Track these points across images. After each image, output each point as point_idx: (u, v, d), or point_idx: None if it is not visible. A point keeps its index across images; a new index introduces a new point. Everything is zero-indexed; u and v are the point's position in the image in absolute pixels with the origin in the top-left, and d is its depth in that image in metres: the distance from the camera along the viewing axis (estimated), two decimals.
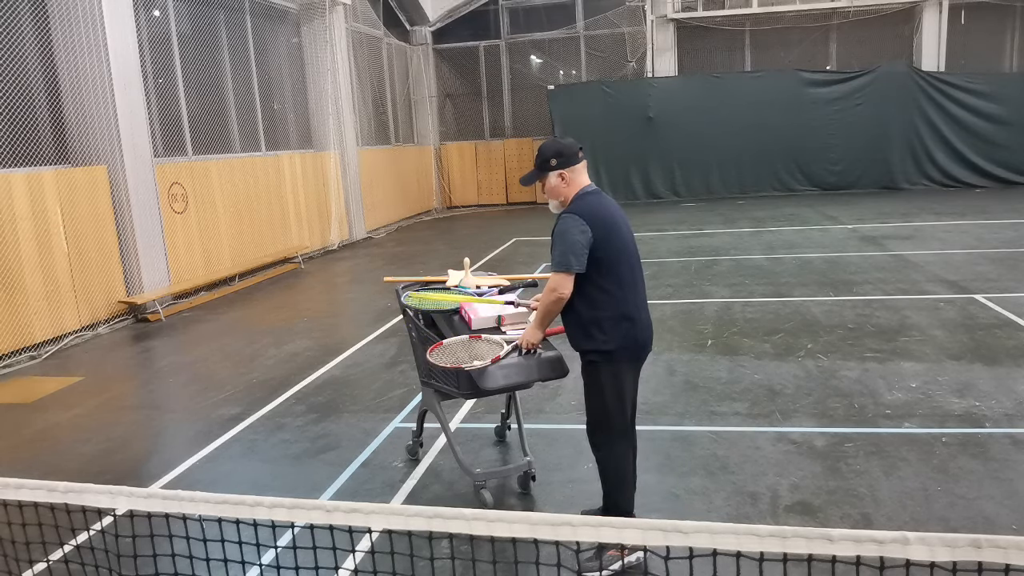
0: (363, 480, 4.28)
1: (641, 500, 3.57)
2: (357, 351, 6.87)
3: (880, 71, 16.43)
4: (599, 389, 3.28)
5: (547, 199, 3.38)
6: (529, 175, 3.39)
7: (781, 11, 16.94)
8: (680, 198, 17.43)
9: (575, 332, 3.32)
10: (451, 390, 3.89)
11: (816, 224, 12.71)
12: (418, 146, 18.58)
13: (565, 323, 3.35)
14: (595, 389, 3.30)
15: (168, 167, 9.41)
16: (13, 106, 7.50)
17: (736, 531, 1.26)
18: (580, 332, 3.30)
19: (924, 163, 16.69)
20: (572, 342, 3.35)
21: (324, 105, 13.29)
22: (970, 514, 3.51)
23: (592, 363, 3.30)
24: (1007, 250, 9.61)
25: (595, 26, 17.98)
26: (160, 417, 5.60)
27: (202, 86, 10.52)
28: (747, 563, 1.28)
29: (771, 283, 8.57)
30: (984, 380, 5.22)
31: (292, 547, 1.67)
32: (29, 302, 7.34)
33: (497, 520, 1.41)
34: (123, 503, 1.63)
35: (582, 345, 3.31)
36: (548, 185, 3.32)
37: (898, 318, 6.85)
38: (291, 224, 12.25)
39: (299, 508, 1.50)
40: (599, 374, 3.28)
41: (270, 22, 12.48)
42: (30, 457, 4.92)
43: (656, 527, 1.31)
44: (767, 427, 4.64)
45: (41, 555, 2.46)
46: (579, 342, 3.32)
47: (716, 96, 16.90)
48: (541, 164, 3.32)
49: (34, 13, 7.94)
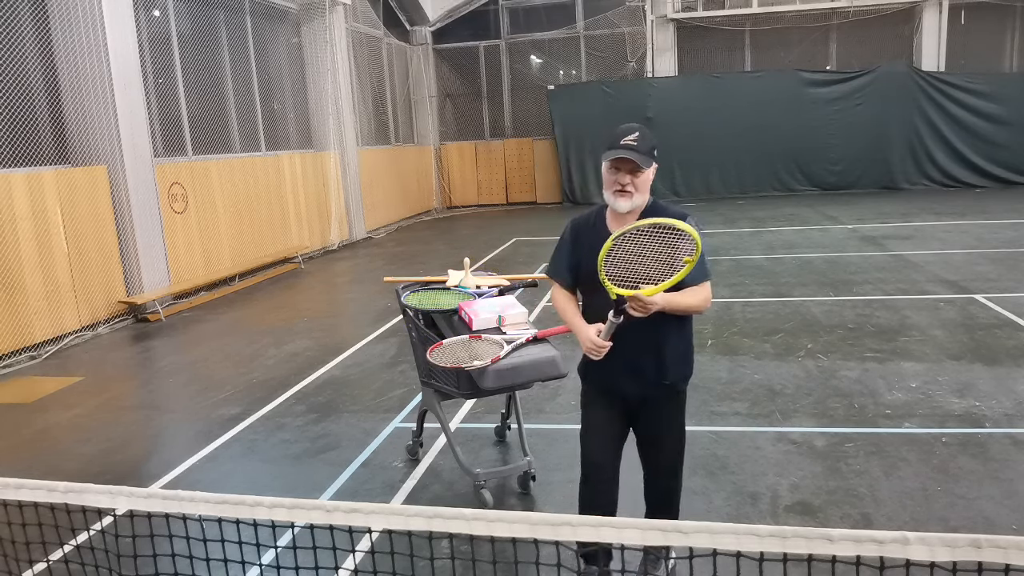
0: (363, 480, 4.28)
1: (641, 500, 3.56)
2: (357, 351, 6.87)
3: (880, 71, 16.43)
4: (683, 415, 3.03)
5: (625, 193, 2.72)
6: (642, 158, 2.68)
7: (781, 11, 16.94)
8: (680, 198, 17.42)
9: (677, 357, 2.89)
10: (451, 390, 3.90)
11: (816, 224, 12.71)
12: (418, 146, 18.58)
13: (669, 346, 2.84)
14: (682, 418, 3.02)
15: (168, 167, 9.40)
16: (13, 106, 7.49)
17: (736, 531, 1.26)
18: (683, 357, 2.93)
19: (924, 163, 16.70)
20: (667, 373, 2.86)
21: (324, 105, 13.29)
22: (970, 514, 3.51)
23: (683, 393, 2.99)
24: (1007, 250, 9.61)
25: (595, 26, 17.98)
26: (160, 417, 5.60)
27: (202, 86, 10.52)
28: (747, 563, 1.28)
29: (771, 283, 8.57)
30: (984, 380, 5.22)
31: (292, 547, 1.67)
32: (29, 302, 7.34)
33: (497, 520, 1.41)
34: (123, 503, 1.63)
35: (684, 372, 2.94)
36: (644, 177, 2.73)
37: (898, 318, 6.85)
38: (291, 224, 12.25)
39: (299, 508, 1.50)
40: (684, 401, 3.04)
41: (270, 22, 12.48)
42: (30, 457, 4.92)
43: (656, 527, 1.31)
44: (767, 427, 4.64)
45: (41, 555, 2.46)
46: (681, 368, 2.93)
47: (716, 96, 16.91)
48: (651, 150, 2.75)
49: (34, 13, 7.94)
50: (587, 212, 3.00)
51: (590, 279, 2.74)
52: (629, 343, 2.74)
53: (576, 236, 2.93)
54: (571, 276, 2.93)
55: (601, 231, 2.79)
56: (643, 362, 2.82)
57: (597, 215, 2.91)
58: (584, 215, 2.99)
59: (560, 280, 2.97)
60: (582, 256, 2.86)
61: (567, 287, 2.96)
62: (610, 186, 2.75)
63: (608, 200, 2.79)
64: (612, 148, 2.70)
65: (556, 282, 2.98)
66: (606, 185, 2.77)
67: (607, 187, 2.77)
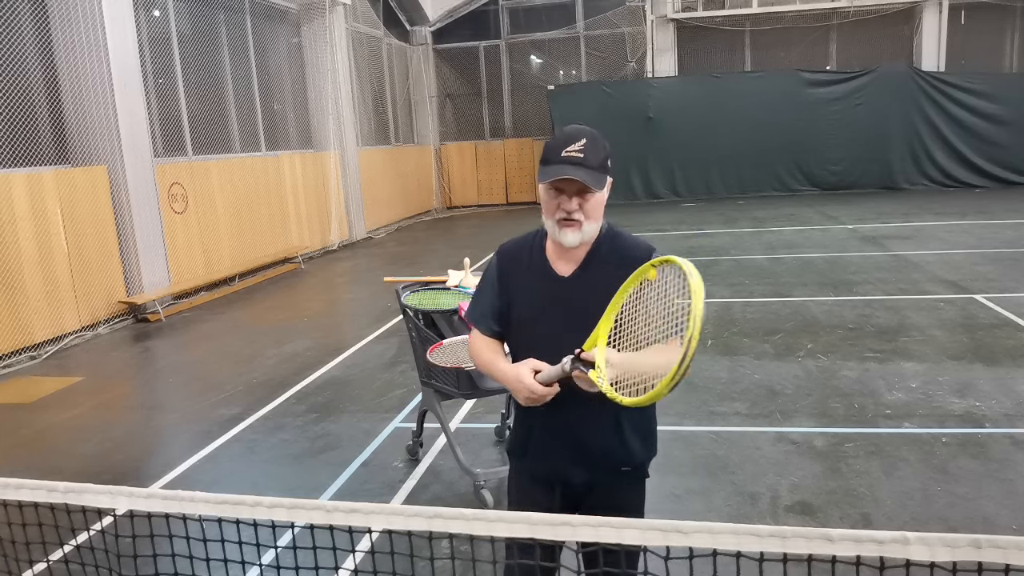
0: (363, 480, 4.28)
1: None
2: (357, 351, 6.87)
3: (880, 71, 16.43)
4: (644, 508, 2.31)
5: (572, 223, 2.03)
6: (592, 175, 1.98)
7: (781, 11, 16.94)
8: (680, 198, 17.43)
9: (642, 432, 2.21)
10: (451, 390, 3.90)
11: (816, 224, 12.71)
12: (418, 146, 18.58)
13: (631, 419, 2.15)
14: (643, 511, 2.29)
15: (168, 167, 9.40)
16: (13, 106, 7.49)
17: (736, 531, 1.26)
18: (649, 431, 2.25)
19: (924, 163, 16.70)
20: (631, 454, 2.18)
21: (324, 105, 13.29)
22: (970, 514, 3.51)
23: (644, 479, 2.28)
24: (1007, 250, 9.61)
25: (595, 26, 17.98)
26: (160, 417, 5.60)
27: (202, 86, 10.52)
28: (747, 563, 1.28)
29: (771, 283, 8.57)
30: (984, 380, 5.21)
31: (292, 547, 1.67)
32: (29, 302, 7.34)
33: (497, 520, 1.41)
34: (123, 503, 1.63)
35: (649, 452, 2.25)
36: (596, 200, 2.04)
37: (898, 318, 6.85)
38: (291, 224, 12.25)
39: (299, 508, 1.50)
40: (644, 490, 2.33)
41: (270, 22, 12.48)
42: (30, 457, 4.91)
43: (656, 527, 1.31)
44: (767, 427, 4.64)
45: (41, 555, 2.46)
46: (646, 448, 2.23)
47: (716, 96, 16.90)
48: (604, 161, 2.03)
49: (34, 13, 7.94)
50: (520, 240, 2.26)
51: (527, 329, 2.17)
52: (580, 415, 2.10)
53: (506, 272, 2.22)
54: (498, 323, 2.22)
55: (541, 269, 2.15)
56: (598, 439, 2.14)
57: (534, 247, 2.20)
58: (516, 244, 2.26)
59: (483, 328, 2.24)
60: (514, 299, 2.19)
61: (493, 336, 2.24)
62: (551, 212, 2.05)
63: (550, 230, 2.09)
64: (551, 163, 1.99)
65: (478, 329, 2.26)
66: (546, 210, 2.07)
67: (547, 213, 2.07)
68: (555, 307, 2.12)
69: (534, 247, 2.20)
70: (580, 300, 2.08)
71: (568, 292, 2.11)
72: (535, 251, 2.19)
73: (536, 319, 2.14)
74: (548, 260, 2.16)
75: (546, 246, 2.17)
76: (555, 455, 2.18)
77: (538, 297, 2.14)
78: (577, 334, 1.98)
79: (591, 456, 2.15)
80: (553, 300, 2.13)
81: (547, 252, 2.17)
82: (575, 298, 2.10)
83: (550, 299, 2.13)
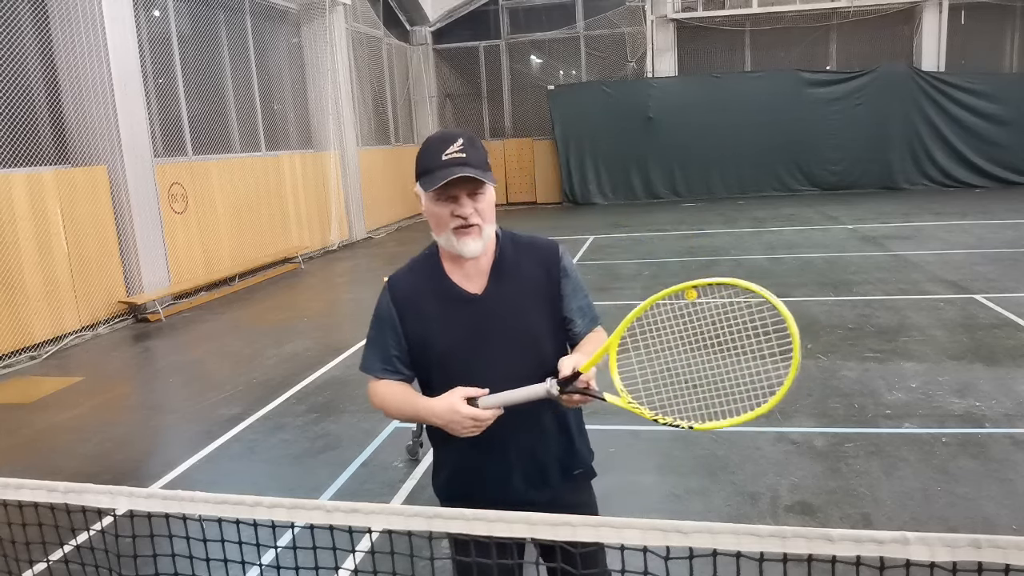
0: (363, 480, 4.28)
1: (641, 500, 3.57)
2: (357, 351, 6.87)
3: (880, 71, 16.44)
4: None
5: (475, 225, 1.86)
6: (482, 173, 1.84)
7: (781, 11, 16.94)
8: (680, 198, 17.43)
9: (583, 437, 2.07)
10: None
11: (816, 224, 12.71)
12: (418, 146, 18.53)
13: (574, 418, 2.04)
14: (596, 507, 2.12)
15: (168, 167, 9.41)
16: (13, 106, 7.50)
17: (736, 531, 1.26)
18: (585, 435, 2.09)
19: (924, 163, 16.70)
20: (578, 456, 2.04)
21: (324, 105, 13.29)
22: (970, 514, 3.51)
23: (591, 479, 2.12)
24: (1007, 250, 9.61)
25: (595, 26, 17.99)
26: (160, 417, 5.60)
27: (202, 86, 10.52)
28: (747, 563, 1.28)
29: (771, 283, 8.56)
30: (984, 380, 5.21)
31: (292, 547, 1.67)
32: (29, 302, 7.34)
33: (497, 520, 1.40)
34: (123, 503, 1.63)
35: (590, 450, 2.10)
36: (488, 199, 1.90)
37: (898, 318, 6.85)
38: (291, 224, 12.25)
39: (299, 508, 1.50)
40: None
41: (270, 22, 12.48)
42: (30, 457, 4.92)
43: (655, 527, 1.31)
44: (767, 427, 4.63)
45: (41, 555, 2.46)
46: (587, 447, 2.09)
47: (716, 96, 16.91)
48: (487, 159, 1.91)
49: (34, 13, 7.94)
50: (411, 267, 2.03)
51: (453, 365, 1.90)
52: (523, 427, 1.89)
53: (406, 308, 1.96)
54: (406, 367, 1.98)
55: (448, 292, 1.93)
56: (548, 449, 1.96)
57: (433, 270, 1.97)
58: (408, 272, 2.02)
59: (388, 377, 1.98)
60: (425, 335, 1.93)
61: (401, 380, 1.99)
62: (444, 224, 1.86)
63: (446, 243, 1.89)
64: (435, 169, 1.84)
65: (383, 379, 1.98)
66: (437, 224, 1.89)
67: (439, 226, 1.88)
68: (479, 331, 1.89)
69: (432, 270, 1.96)
70: (504, 317, 1.89)
71: (488, 310, 1.90)
72: (434, 274, 1.95)
73: (462, 349, 1.90)
74: (452, 280, 1.93)
75: (443, 266, 1.95)
76: (503, 482, 1.95)
77: (455, 325, 1.90)
78: (515, 357, 1.82)
79: (542, 468, 1.97)
80: (474, 324, 1.90)
81: (447, 272, 1.95)
82: (498, 315, 1.90)
83: (471, 323, 1.90)
